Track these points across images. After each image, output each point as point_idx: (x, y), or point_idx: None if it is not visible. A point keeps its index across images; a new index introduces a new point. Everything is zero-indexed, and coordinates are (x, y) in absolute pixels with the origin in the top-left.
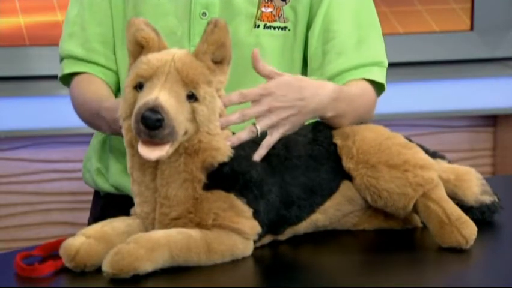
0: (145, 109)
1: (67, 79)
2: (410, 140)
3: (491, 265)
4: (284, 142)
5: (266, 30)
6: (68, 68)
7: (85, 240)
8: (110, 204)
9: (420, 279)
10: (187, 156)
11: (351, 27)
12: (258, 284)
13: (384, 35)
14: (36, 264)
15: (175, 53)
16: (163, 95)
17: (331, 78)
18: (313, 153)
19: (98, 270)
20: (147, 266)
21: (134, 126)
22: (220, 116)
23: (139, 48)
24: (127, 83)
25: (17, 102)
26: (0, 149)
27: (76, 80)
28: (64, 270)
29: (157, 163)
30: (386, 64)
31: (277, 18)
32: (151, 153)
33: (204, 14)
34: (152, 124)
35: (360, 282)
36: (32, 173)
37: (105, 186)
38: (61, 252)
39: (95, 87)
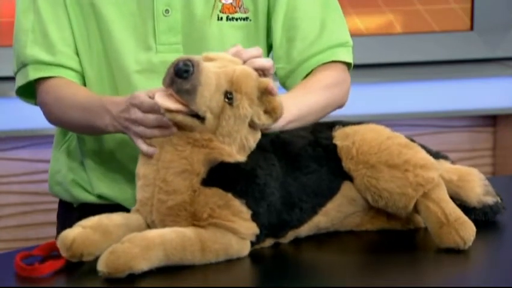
0: (184, 58)
1: (24, 89)
2: (412, 140)
3: (493, 265)
4: (283, 144)
5: (229, 22)
6: (35, 73)
7: (82, 230)
8: (89, 214)
9: (422, 280)
10: (193, 147)
11: (314, 12)
12: (256, 284)
13: (384, 35)
14: (36, 264)
15: (245, 65)
16: (208, 65)
17: (298, 65)
18: (313, 155)
19: (95, 270)
20: (142, 265)
21: (167, 69)
22: (243, 147)
23: None
24: None
25: (17, 102)
26: (0, 149)
27: (47, 85)
28: (63, 270)
29: (163, 145)
30: (351, 43)
31: (237, 9)
32: (163, 100)
33: (166, 11)
34: (180, 71)
35: (361, 282)
36: (32, 173)
37: (83, 196)
38: (58, 242)
39: (82, 88)
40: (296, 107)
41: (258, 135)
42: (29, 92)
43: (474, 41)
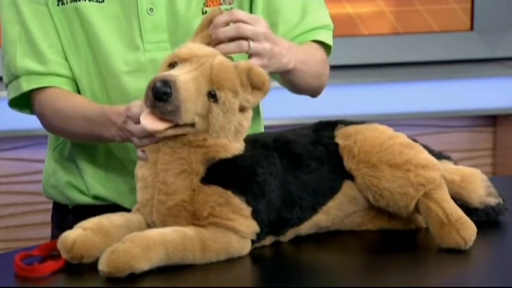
0: (160, 79)
1: (17, 100)
2: (414, 140)
3: (494, 265)
4: (286, 143)
5: None
6: (28, 85)
7: (82, 232)
8: (84, 215)
9: (423, 280)
10: (190, 147)
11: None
12: (256, 284)
13: (383, 34)
14: (35, 264)
15: (219, 54)
16: (184, 77)
17: None
18: (315, 153)
19: (96, 269)
20: (143, 265)
21: (145, 91)
22: (236, 132)
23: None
24: (164, 59)
25: None
26: (0, 149)
27: (43, 96)
28: (63, 270)
29: (160, 147)
30: (332, 27)
31: (222, 1)
32: (149, 122)
33: (151, 9)
34: (159, 95)
35: (361, 282)
36: (32, 173)
37: (78, 197)
38: (58, 244)
39: (79, 97)
40: (301, 51)
41: (250, 114)
42: (23, 102)
43: (474, 41)
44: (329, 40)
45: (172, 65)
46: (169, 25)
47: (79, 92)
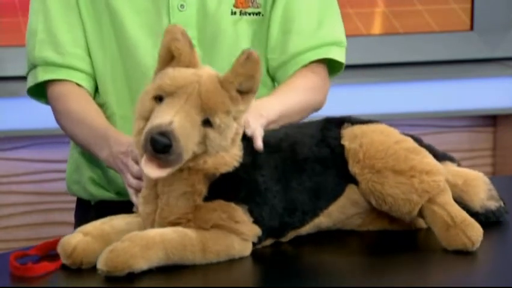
0: (157, 132)
1: (35, 89)
2: (421, 141)
3: (497, 266)
4: (291, 144)
5: (242, 16)
6: (44, 75)
7: (83, 238)
8: (106, 211)
9: (425, 280)
10: (191, 170)
11: (312, 7)
12: (256, 284)
13: (384, 35)
14: (30, 264)
15: (202, 75)
16: (178, 120)
17: (291, 58)
18: (320, 156)
19: (95, 268)
20: (142, 264)
21: (142, 142)
22: (233, 140)
23: (170, 57)
24: (148, 89)
25: (17, 102)
26: (0, 149)
27: (57, 90)
28: (61, 269)
29: None
30: (345, 44)
31: (250, 4)
32: (152, 171)
33: (182, 6)
34: (160, 148)
35: (362, 282)
36: (32, 173)
37: (100, 193)
38: (59, 249)
39: (90, 105)
40: (278, 108)
41: (243, 117)
42: (40, 91)
43: (474, 41)
44: (340, 57)
45: (158, 98)
46: (198, 22)
47: (96, 89)
